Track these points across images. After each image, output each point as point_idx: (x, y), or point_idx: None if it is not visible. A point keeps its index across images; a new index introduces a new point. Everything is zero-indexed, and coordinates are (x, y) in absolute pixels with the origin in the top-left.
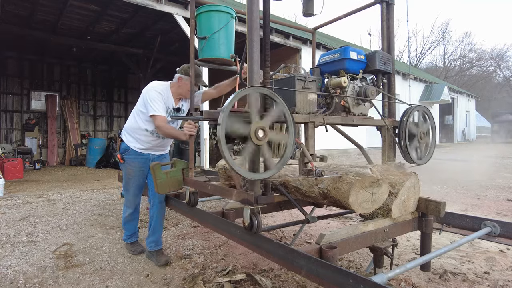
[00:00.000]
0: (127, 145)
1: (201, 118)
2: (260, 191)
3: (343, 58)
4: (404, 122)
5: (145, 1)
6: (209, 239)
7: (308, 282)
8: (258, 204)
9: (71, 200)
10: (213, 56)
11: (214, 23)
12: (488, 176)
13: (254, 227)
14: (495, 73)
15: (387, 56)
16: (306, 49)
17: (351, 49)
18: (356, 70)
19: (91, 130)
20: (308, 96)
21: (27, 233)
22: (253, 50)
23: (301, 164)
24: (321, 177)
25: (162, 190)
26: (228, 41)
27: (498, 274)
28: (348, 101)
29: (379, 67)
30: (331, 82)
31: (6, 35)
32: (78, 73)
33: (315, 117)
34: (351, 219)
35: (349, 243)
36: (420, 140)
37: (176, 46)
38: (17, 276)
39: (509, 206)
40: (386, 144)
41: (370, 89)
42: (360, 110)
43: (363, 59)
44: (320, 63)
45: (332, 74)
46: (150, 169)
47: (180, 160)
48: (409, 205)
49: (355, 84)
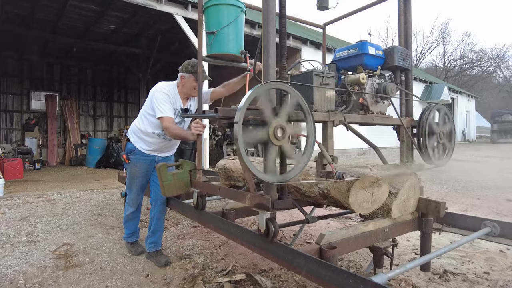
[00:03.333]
0: (134, 146)
1: (217, 116)
2: (277, 195)
3: (361, 53)
4: (423, 121)
5: (145, 1)
6: (209, 239)
7: (308, 282)
8: (274, 209)
9: (71, 200)
10: (222, 52)
11: (223, 17)
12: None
13: (271, 234)
14: (495, 73)
15: (406, 51)
16: (306, 49)
17: (369, 44)
18: (374, 66)
19: (91, 130)
20: (326, 93)
21: (27, 233)
22: (269, 43)
23: (319, 166)
24: (342, 179)
25: (169, 192)
26: (237, 36)
27: (498, 274)
28: (366, 99)
29: (398, 63)
30: (349, 79)
31: (6, 35)
32: (78, 73)
33: (334, 115)
34: (351, 219)
35: (349, 243)
36: (440, 140)
37: (176, 46)
38: (17, 276)
39: (509, 206)
40: (404, 144)
41: (391, 86)
42: (379, 108)
43: (381, 55)
44: (336, 59)
45: (349, 70)
46: (156, 170)
47: (188, 161)
48: (409, 205)
49: (374, 81)
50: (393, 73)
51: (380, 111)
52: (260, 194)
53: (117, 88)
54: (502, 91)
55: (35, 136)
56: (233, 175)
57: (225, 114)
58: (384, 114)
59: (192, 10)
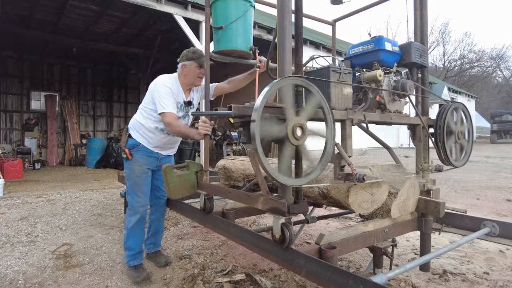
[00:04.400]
0: (137, 141)
1: (232, 114)
2: (292, 198)
3: (378, 49)
4: (441, 120)
5: (145, 1)
6: (208, 239)
7: (308, 282)
8: (290, 214)
9: (70, 200)
10: (230, 48)
11: (231, 11)
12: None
13: (286, 240)
14: (495, 73)
15: (423, 47)
16: (306, 49)
17: (385, 39)
18: (390, 63)
19: (91, 130)
20: (344, 90)
21: (26, 233)
22: (285, 37)
23: (336, 168)
24: (363, 182)
25: (175, 195)
26: (246, 31)
27: (497, 274)
28: (384, 97)
29: (415, 60)
30: (365, 76)
31: (6, 35)
32: (78, 73)
33: (353, 113)
34: (350, 219)
35: (349, 243)
36: (457, 140)
37: (176, 46)
38: (16, 276)
39: (508, 206)
40: (421, 144)
41: (409, 83)
42: (396, 106)
43: (397, 51)
44: (350, 55)
45: (364, 67)
46: (162, 172)
47: (194, 162)
48: (408, 205)
49: (390, 78)
50: (409, 70)
51: (397, 109)
52: (274, 198)
53: (117, 88)
54: (502, 91)
55: (35, 136)
56: (233, 175)
57: (241, 112)
58: (401, 112)
59: (192, 10)
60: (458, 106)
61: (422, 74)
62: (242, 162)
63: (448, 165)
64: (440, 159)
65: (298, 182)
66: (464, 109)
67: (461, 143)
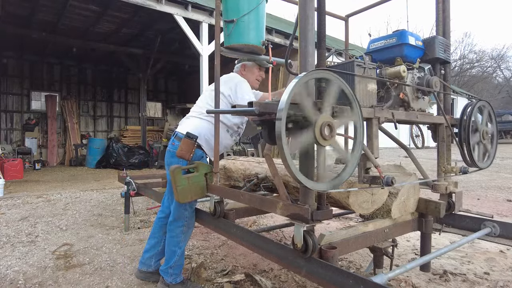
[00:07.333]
0: (204, 154)
1: (256, 111)
2: (315, 204)
3: (401, 43)
4: (467, 119)
5: (145, 1)
6: (208, 240)
7: (308, 282)
8: (314, 221)
9: (71, 200)
10: (242, 43)
11: (243, 4)
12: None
13: (309, 249)
14: (495, 73)
15: (447, 42)
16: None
17: (409, 33)
18: (414, 58)
19: (91, 130)
20: (368, 87)
21: (27, 233)
22: (308, 28)
23: (361, 170)
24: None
25: (183, 198)
26: (259, 25)
27: (498, 274)
28: (407, 94)
29: (439, 55)
30: (387, 72)
31: (6, 35)
32: (78, 73)
33: (380, 111)
34: (351, 219)
35: (349, 243)
36: (482, 140)
37: (176, 46)
38: (17, 276)
39: (509, 206)
40: (444, 145)
41: (435, 79)
42: (419, 105)
43: (421, 46)
44: (370, 49)
45: (385, 62)
46: (170, 173)
47: (203, 163)
48: (409, 206)
49: (414, 75)
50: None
51: (421, 108)
52: (295, 203)
53: (117, 88)
54: (502, 91)
55: (35, 136)
56: (233, 175)
57: (265, 109)
58: (424, 111)
59: (192, 10)
60: (484, 105)
61: (445, 70)
62: (242, 162)
63: (472, 166)
64: (464, 160)
65: (334, 183)
66: (490, 108)
67: (485, 143)
